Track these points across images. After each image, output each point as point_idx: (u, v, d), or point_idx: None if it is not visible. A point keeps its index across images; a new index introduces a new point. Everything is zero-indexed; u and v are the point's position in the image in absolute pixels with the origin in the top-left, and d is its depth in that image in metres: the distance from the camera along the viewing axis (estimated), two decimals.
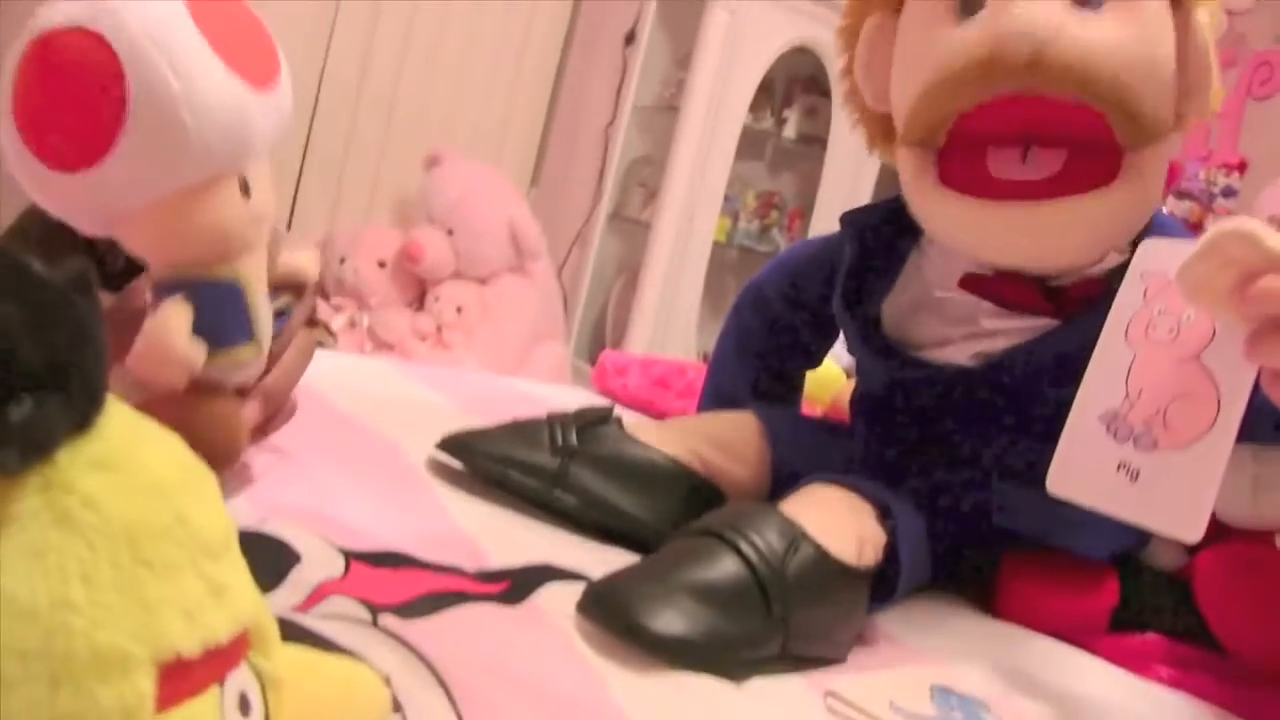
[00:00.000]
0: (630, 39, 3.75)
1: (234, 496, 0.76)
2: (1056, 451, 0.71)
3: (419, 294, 3.18)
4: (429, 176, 3.17)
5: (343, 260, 3.12)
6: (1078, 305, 0.88)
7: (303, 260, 0.76)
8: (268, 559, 0.68)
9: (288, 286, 0.75)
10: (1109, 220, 0.85)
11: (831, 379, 1.38)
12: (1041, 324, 0.90)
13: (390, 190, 3.48)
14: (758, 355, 1.16)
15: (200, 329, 0.64)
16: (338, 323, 3.04)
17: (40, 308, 0.28)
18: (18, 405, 0.27)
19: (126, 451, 0.31)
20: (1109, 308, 0.71)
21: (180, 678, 0.31)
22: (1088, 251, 0.88)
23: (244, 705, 0.34)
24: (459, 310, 3.07)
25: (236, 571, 0.35)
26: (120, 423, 0.32)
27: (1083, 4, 0.82)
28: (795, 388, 1.20)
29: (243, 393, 0.72)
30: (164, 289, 0.64)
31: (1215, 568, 0.91)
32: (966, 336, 0.93)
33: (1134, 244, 0.76)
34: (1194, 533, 0.64)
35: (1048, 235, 0.86)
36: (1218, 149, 3.42)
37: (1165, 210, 2.85)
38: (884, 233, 0.99)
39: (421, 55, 3.44)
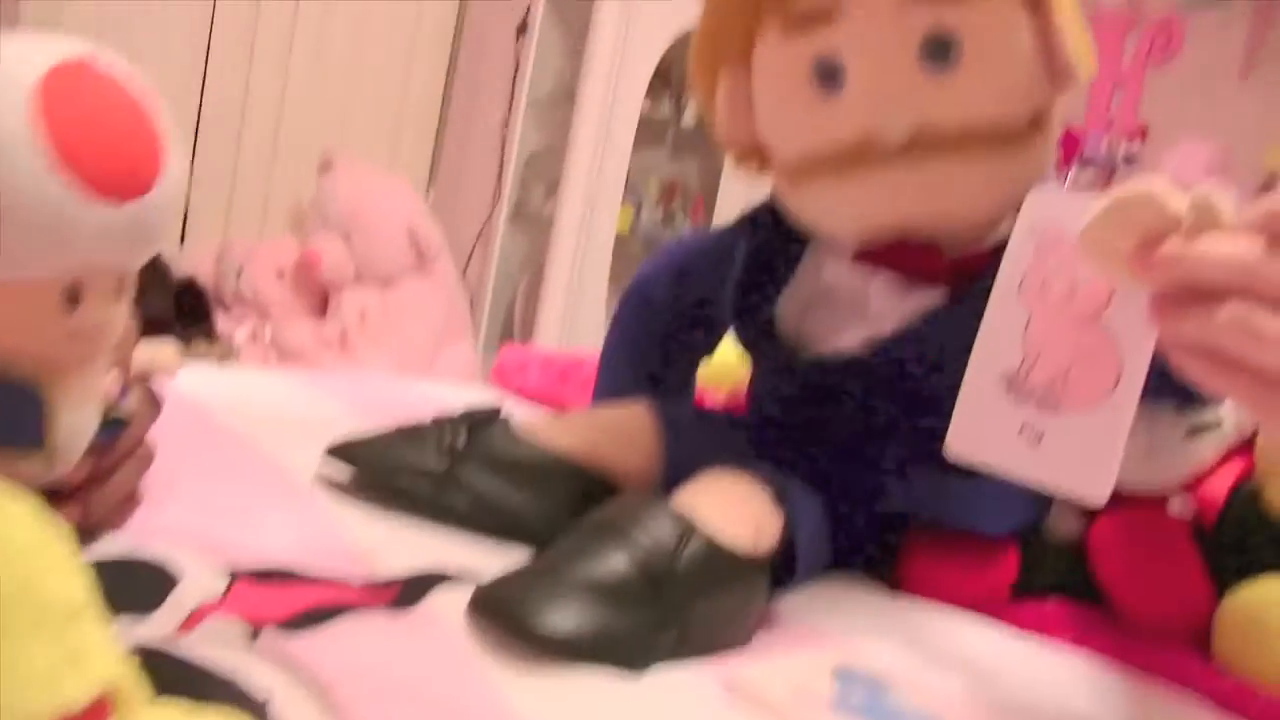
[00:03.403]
0: (522, 31, 3.73)
1: None
2: (955, 413, 0.70)
3: (321, 302, 3.14)
4: (322, 182, 3.13)
5: (240, 273, 3.07)
6: (966, 277, 0.88)
7: (163, 355, 0.71)
8: (144, 584, 0.65)
9: (143, 381, 0.71)
10: (994, 181, 0.86)
11: (731, 368, 1.37)
12: (928, 303, 0.89)
13: (284, 198, 3.42)
14: (643, 353, 1.15)
15: None
16: (239, 336, 2.99)
17: None
18: None
19: None
20: (991, 284, 0.70)
21: None
22: (974, 213, 0.88)
23: None
24: (362, 316, 3.03)
25: (95, 634, 0.34)
26: None
27: (936, 60, 0.83)
28: (685, 383, 1.19)
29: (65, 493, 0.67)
30: None
31: (1110, 535, 0.92)
32: (857, 324, 0.92)
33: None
34: (1101, 494, 0.64)
35: (933, 192, 0.86)
36: (1118, 116, 3.46)
37: (1069, 178, 2.89)
38: (778, 233, 0.98)
39: (306, 57, 3.39)
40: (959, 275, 0.88)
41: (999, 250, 0.85)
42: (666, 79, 3.71)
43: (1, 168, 0.52)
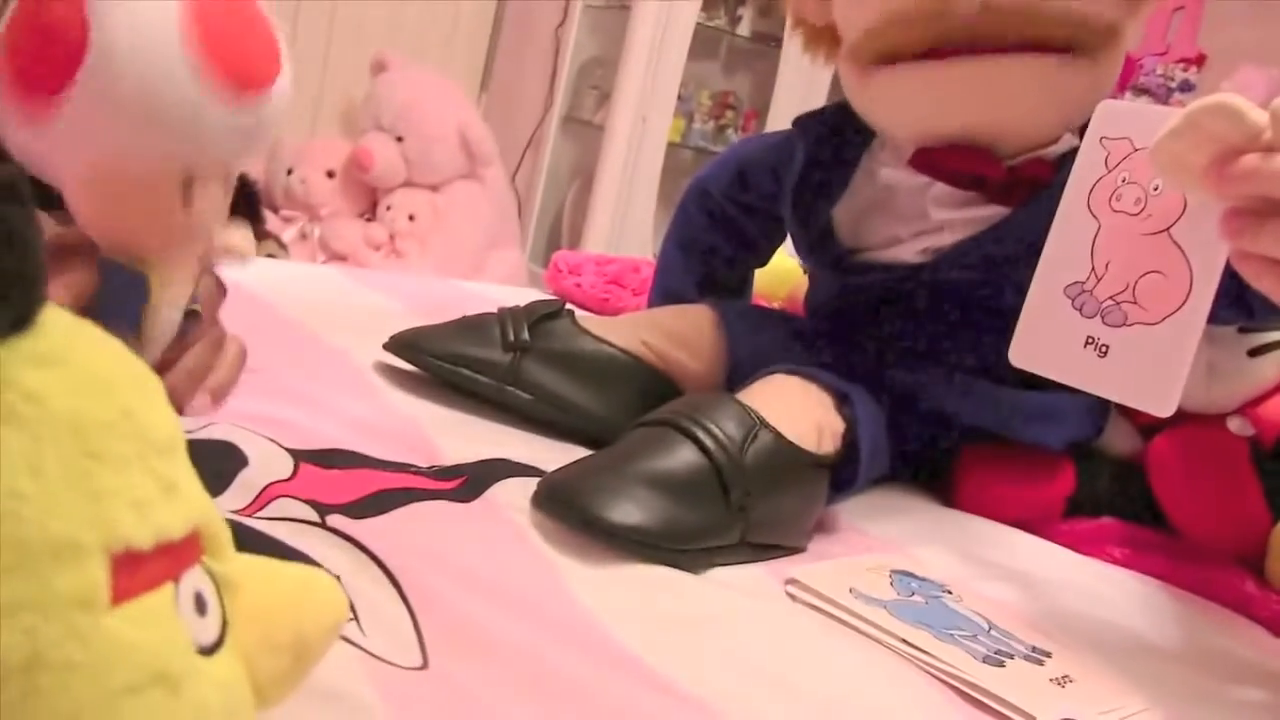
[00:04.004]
0: None
1: None
2: (1019, 323, 0.70)
3: (370, 203, 3.14)
4: (376, 82, 3.11)
5: (290, 171, 3.07)
6: (1026, 190, 0.87)
7: (234, 241, 0.72)
8: (214, 463, 0.66)
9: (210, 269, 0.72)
10: (1063, 87, 0.84)
11: (787, 274, 1.37)
12: (989, 214, 0.88)
13: (336, 98, 3.40)
14: (703, 254, 1.15)
15: (93, 304, 0.62)
16: (288, 235, 2.99)
17: None
18: None
19: (68, 349, 0.30)
20: (1056, 198, 0.70)
21: (134, 571, 0.30)
22: (1040, 119, 0.87)
23: (200, 605, 0.33)
24: (411, 218, 3.03)
25: (185, 473, 0.34)
26: (61, 323, 0.31)
27: None
28: (743, 286, 1.19)
29: None
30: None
31: (1169, 452, 0.92)
32: (916, 234, 0.92)
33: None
34: (1167, 407, 0.64)
35: (1001, 93, 0.84)
36: (1175, 43, 3.38)
37: None
38: (837, 136, 0.97)
39: None
40: (1017, 186, 0.87)
41: (1061, 164, 0.85)
42: None
43: (156, 68, 0.54)
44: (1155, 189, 0.64)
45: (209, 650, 0.33)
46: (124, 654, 0.29)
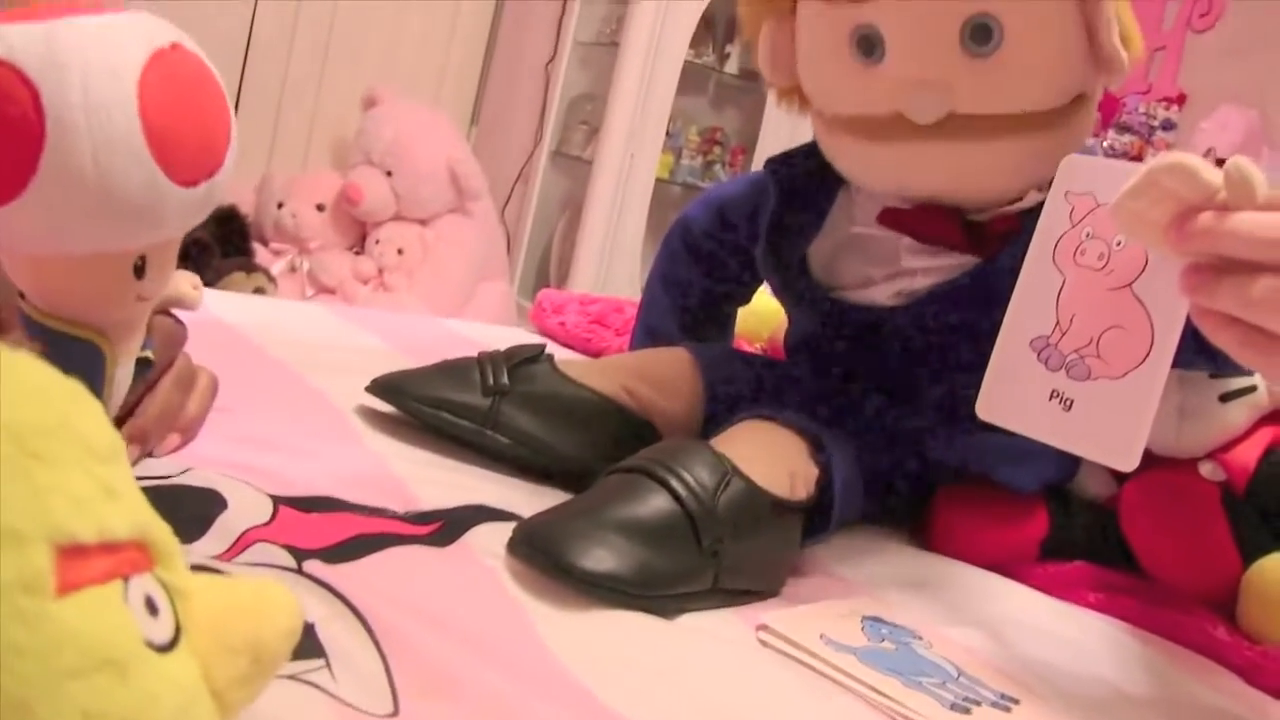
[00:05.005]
0: None
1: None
2: (986, 377, 0.71)
3: (359, 237, 3.15)
4: (367, 117, 3.13)
5: (280, 204, 3.08)
6: (997, 242, 0.88)
7: (180, 289, 0.73)
8: (194, 507, 0.67)
9: (164, 313, 0.73)
10: (1028, 159, 0.86)
11: (769, 315, 1.38)
12: (962, 262, 0.90)
13: (327, 131, 3.43)
14: (686, 292, 1.16)
15: None
16: (277, 268, 3.00)
17: None
18: None
19: (5, 370, 0.32)
20: (1028, 245, 0.71)
21: (79, 564, 0.31)
22: (1006, 188, 0.88)
23: (151, 607, 0.34)
24: (400, 252, 3.04)
25: (127, 482, 0.35)
26: None
27: (979, 44, 0.82)
28: (725, 325, 1.20)
29: None
30: (32, 325, 0.63)
31: (1141, 497, 0.92)
32: (889, 276, 0.93)
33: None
34: (1130, 461, 0.64)
35: (965, 170, 0.86)
36: (1157, 82, 3.41)
37: (1105, 144, 2.84)
38: (810, 175, 0.99)
39: None
40: (985, 240, 0.89)
41: (1028, 216, 0.86)
42: (711, 27, 3.69)
43: (116, 160, 0.55)
44: (1118, 244, 0.65)
45: (162, 649, 0.34)
46: (70, 639, 0.30)
